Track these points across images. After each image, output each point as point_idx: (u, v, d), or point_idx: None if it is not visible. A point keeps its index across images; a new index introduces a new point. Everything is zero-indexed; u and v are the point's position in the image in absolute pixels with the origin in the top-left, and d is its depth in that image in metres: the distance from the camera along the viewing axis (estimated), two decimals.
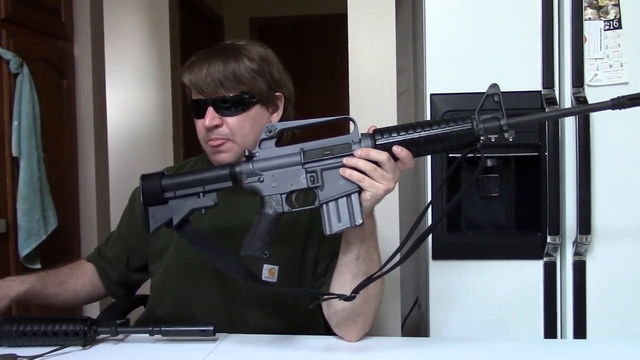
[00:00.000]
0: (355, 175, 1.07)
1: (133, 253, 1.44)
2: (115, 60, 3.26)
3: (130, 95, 3.46)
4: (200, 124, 1.30)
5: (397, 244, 1.90)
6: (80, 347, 1.15)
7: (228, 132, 1.28)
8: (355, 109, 2.00)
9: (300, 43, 4.93)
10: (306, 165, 1.10)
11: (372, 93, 2.00)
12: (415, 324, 2.29)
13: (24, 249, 2.28)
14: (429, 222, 1.61)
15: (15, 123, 2.31)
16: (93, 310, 2.62)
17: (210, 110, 1.27)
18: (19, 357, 1.08)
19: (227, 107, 1.27)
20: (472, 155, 1.10)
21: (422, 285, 2.06)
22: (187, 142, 3.80)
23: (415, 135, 1.08)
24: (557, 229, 1.63)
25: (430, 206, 1.62)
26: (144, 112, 3.51)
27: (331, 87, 4.78)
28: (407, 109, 2.41)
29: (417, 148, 1.08)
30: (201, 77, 1.26)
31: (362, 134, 1.10)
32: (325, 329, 1.31)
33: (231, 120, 1.28)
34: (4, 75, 2.31)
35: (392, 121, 1.97)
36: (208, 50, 1.33)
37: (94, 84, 2.82)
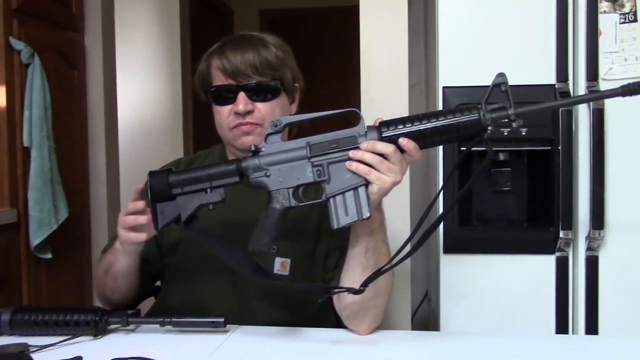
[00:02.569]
0: (361, 168, 1.06)
1: (160, 242, 1.40)
2: (126, 51, 3.25)
3: (140, 86, 3.46)
4: (227, 110, 1.28)
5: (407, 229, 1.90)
6: (92, 337, 1.15)
7: (260, 117, 1.27)
8: (367, 102, 1.99)
9: (309, 36, 4.92)
10: (312, 159, 1.09)
11: (383, 86, 1.99)
12: (425, 318, 2.28)
13: (35, 239, 2.29)
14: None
15: (26, 113, 2.31)
16: None
17: (242, 96, 1.26)
18: (30, 346, 1.09)
19: (259, 93, 1.27)
20: (481, 148, 1.08)
21: (432, 279, 2.05)
22: (197, 134, 3.80)
23: (422, 126, 1.06)
24: (569, 224, 1.62)
25: (442, 200, 1.62)
26: (154, 103, 3.50)
27: (340, 81, 4.77)
28: (418, 102, 2.39)
29: (423, 140, 1.07)
30: (236, 63, 1.26)
31: (368, 126, 1.09)
32: (336, 322, 1.30)
33: (262, 106, 1.27)
34: (15, 66, 2.31)
35: (403, 114, 1.95)
36: (231, 38, 1.33)
37: (104, 75, 2.82)
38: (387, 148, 1.06)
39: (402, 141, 1.06)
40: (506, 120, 1.04)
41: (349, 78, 4.94)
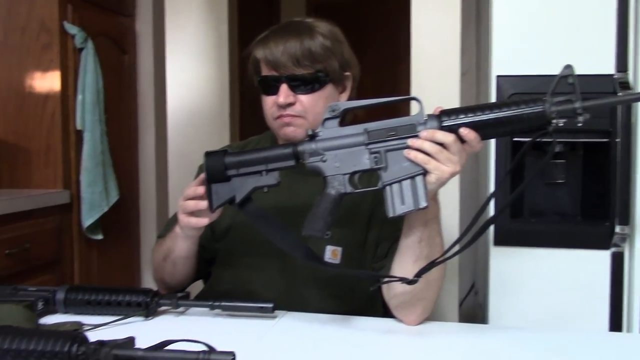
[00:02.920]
0: (420, 157, 1.05)
1: (214, 227, 1.39)
2: (175, 36, 3.28)
3: (189, 71, 3.49)
4: (271, 101, 1.29)
5: (456, 229, 1.87)
6: (143, 318, 1.17)
7: (301, 110, 1.27)
8: (417, 89, 1.96)
9: (355, 23, 4.87)
10: (370, 146, 1.08)
11: (434, 73, 1.96)
12: (471, 310, 2.25)
13: (87, 220, 2.35)
14: (492, 208, 1.57)
15: (79, 97, 2.36)
16: (151, 283, 2.68)
17: (284, 87, 1.26)
18: (84, 324, 1.11)
19: (301, 84, 1.26)
20: (540, 140, 1.06)
21: (480, 271, 2.02)
22: (243, 120, 3.83)
23: (484, 117, 1.04)
24: (626, 218, 1.57)
25: (494, 183, 1.60)
26: (201, 89, 3.54)
27: (387, 68, 4.72)
28: (469, 90, 2.35)
29: (485, 130, 1.05)
30: (277, 54, 1.25)
31: (428, 115, 1.08)
32: (384, 312, 1.30)
33: (305, 98, 1.27)
34: (69, 50, 2.37)
35: (454, 103, 1.93)
36: (279, 26, 1.32)
37: (154, 60, 2.86)
38: (448, 137, 1.04)
39: (463, 131, 1.04)
40: (572, 113, 1.01)
41: (395, 65, 4.89)
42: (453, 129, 1.05)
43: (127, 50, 2.78)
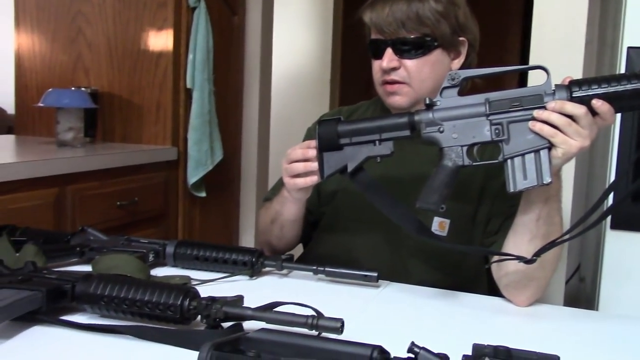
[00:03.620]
0: (546, 130, 0.99)
1: (320, 190, 1.40)
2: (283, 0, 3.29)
3: (294, 35, 3.51)
4: (377, 65, 1.26)
5: (568, 208, 1.77)
6: (247, 277, 1.18)
7: (405, 76, 1.23)
8: (536, 58, 1.85)
9: None
10: (491, 117, 1.02)
11: (556, 43, 1.84)
12: (574, 291, 2.15)
13: (192, 177, 2.41)
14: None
15: (190, 56, 2.41)
16: (248, 242, 2.74)
17: (388, 51, 1.23)
18: (192, 279, 1.13)
19: (406, 49, 1.22)
20: None
21: (588, 254, 1.91)
22: (343, 86, 3.81)
23: (620, 88, 0.97)
24: None
25: (614, 167, 1.50)
26: (305, 52, 3.55)
27: (495, 38, 4.52)
28: (589, 62, 2.20)
29: (620, 102, 0.98)
30: (383, 16, 1.22)
31: (556, 85, 1.01)
32: (488, 290, 1.25)
33: (410, 63, 1.23)
34: (182, 9, 2.41)
35: (576, 74, 1.80)
36: None
37: (262, 23, 2.87)
38: (578, 109, 0.97)
39: (596, 103, 0.97)
40: None
41: (503, 36, 4.69)
42: (584, 101, 0.98)
43: (236, 11, 2.80)
